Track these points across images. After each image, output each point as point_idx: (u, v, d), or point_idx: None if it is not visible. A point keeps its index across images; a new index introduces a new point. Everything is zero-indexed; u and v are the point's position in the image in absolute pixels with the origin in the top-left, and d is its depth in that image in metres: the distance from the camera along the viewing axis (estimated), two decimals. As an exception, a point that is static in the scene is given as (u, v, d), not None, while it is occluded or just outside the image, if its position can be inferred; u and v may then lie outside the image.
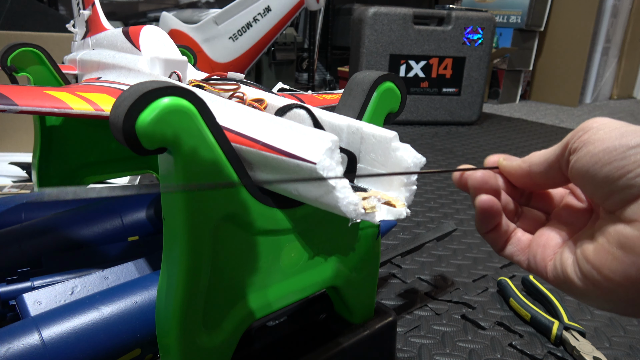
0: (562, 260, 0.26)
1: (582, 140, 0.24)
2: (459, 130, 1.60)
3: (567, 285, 0.25)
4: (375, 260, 0.41)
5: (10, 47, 0.56)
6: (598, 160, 0.23)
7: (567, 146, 0.25)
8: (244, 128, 0.30)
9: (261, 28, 1.43)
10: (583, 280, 0.24)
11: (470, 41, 1.59)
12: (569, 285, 0.25)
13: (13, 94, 0.37)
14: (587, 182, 0.24)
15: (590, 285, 0.24)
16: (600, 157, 0.23)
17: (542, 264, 0.27)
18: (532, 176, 0.28)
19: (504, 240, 0.30)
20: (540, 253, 0.28)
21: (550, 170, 0.27)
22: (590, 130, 0.24)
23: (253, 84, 0.43)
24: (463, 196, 0.99)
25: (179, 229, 0.28)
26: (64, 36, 1.04)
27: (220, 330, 0.32)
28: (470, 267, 0.69)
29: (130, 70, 0.48)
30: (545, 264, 0.27)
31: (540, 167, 0.27)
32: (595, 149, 0.23)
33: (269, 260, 0.33)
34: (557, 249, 0.27)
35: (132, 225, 0.50)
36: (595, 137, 0.23)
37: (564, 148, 0.25)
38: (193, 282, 0.29)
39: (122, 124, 0.23)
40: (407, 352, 0.51)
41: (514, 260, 0.29)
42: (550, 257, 0.27)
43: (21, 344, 0.30)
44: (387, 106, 0.36)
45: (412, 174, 0.28)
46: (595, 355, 0.49)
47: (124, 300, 0.35)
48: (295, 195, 0.29)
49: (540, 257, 0.28)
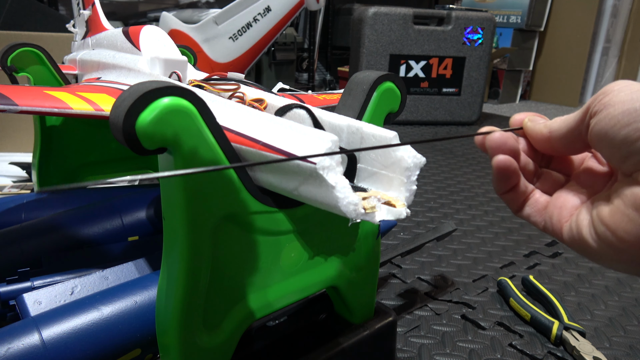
0: (577, 221, 0.26)
1: (602, 103, 0.24)
2: (459, 130, 1.60)
3: (581, 246, 0.26)
4: (375, 260, 0.41)
5: (10, 47, 0.56)
6: (617, 122, 0.23)
7: (588, 110, 0.25)
8: (244, 128, 0.30)
9: (261, 28, 1.42)
10: (597, 241, 0.24)
11: (470, 41, 1.58)
12: (583, 247, 0.25)
13: (13, 94, 0.37)
14: (605, 145, 0.24)
15: (605, 247, 0.24)
16: (619, 119, 0.23)
17: (557, 225, 0.27)
18: (552, 141, 0.28)
19: (522, 201, 0.30)
20: (556, 214, 0.28)
21: (570, 135, 0.26)
22: (612, 93, 0.24)
23: (253, 84, 0.43)
24: (463, 196, 0.99)
25: (179, 229, 0.28)
26: (64, 36, 1.04)
27: (220, 330, 0.32)
28: (470, 267, 0.69)
29: (130, 70, 0.48)
30: (561, 225, 0.27)
31: (560, 133, 0.27)
32: (615, 111, 0.23)
33: (269, 260, 0.33)
34: (573, 211, 0.27)
35: (132, 225, 0.50)
36: (616, 99, 0.23)
37: (585, 112, 0.25)
38: (193, 282, 0.29)
39: (122, 124, 0.23)
40: (407, 352, 0.51)
41: (530, 221, 0.29)
42: (566, 219, 0.27)
43: (21, 344, 0.30)
44: (387, 106, 0.36)
45: (438, 140, 0.27)
46: (595, 355, 0.49)
47: (124, 300, 0.35)
48: (295, 196, 0.29)
49: (557, 219, 0.28)
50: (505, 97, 2.29)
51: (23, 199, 0.53)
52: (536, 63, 2.37)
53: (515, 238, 0.80)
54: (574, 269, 0.69)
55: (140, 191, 0.56)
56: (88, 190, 0.57)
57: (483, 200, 0.97)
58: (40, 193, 0.56)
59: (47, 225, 0.47)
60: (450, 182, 1.07)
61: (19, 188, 0.83)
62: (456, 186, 1.05)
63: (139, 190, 0.57)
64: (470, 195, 1.00)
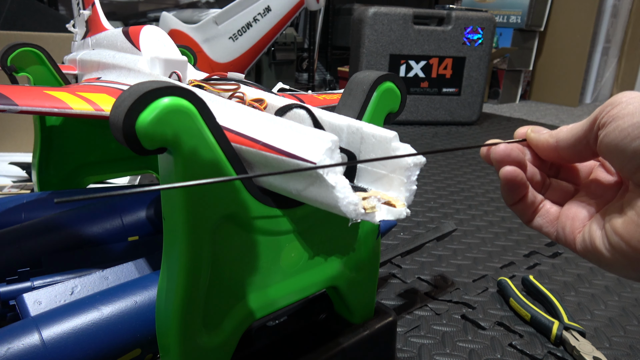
0: (590, 232, 0.26)
1: (610, 115, 0.24)
2: (459, 130, 1.60)
3: (595, 256, 0.26)
4: (375, 260, 0.41)
5: (10, 47, 0.56)
6: (627, 135, 0.23)
7: (596, 121, 0.25)
8: (244, 128, 0.30)
9: (261, 28, 1.43)
10: (611, 251, 0.25)
11: (470, 41, 1.59)
12: (597, 257, 0.26)
13: (13, 94, 0.37)
14: (616, 156, 0.24)
15: (619, 257, 0.24)
16: (629, 132, 0.23)
17: (570, 236, 0.28)
18: (560, 150, 0.28)
19: (532, 212, 0.30)
20: (569, 225, 0.28)
21: (578, 145, 0.27)
22: (620, 105, 0.24)
23: (253, 84, 0.43)
24: (463, 196, 0.99)
25: (179, 229, 0.28)
26: (64, 36, 1.04)
27: (220, 330, 0.32)
28: (470, 267, 0.69)
29: (130, 70, 0.48)
30: (574, 236, 0.28)
31: (567, 142, 0.27)
32: (624, 123, 0.23)
33: (269, 260, 0.33)
34: (586, 222, 0.28)
35: (132, 225, 0.50)
36: (625, 111, 0.24)
37: (592, 123, 0.26)
38: (193, 282, 0.29)
39: (122, 124, 0.23)
40: (407, 352, 0.51)
41: (542, 231, 0.30)
42: (579, 230, 0.28)
43: (21, 344, 0.30)
44: (387, 106, 0.36)
45: (441, 152, 0.28)
46: (595, 355, 0.49)
47: (124, 300, 0.35)
48: (295, 195, 0.29)
49: (569, 230, 0.28)
50: (505, 97, 2.29)
51: (23, 199, 0.53)
52: (536, 63, 2.37)
53: (515, 238, 0.80)
54: (574, 269, 0.69)
55: (140, 191, 0.56)
56: (88, 191, 0.57)
57: (483, 200, 0.97)
58: (40, 193, 0.56)
59: (47, 225, 0.47)
60: (450, 182, 1.07)
61: (19, 188, 0.83)
62: (456, 186, 1.05)
63: (139, 190, 0.57)
64: (470, 195, 1.00)
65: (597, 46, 2.33)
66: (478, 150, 0.32)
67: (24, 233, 0.46)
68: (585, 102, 2.44)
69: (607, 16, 2.27)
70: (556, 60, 2.31)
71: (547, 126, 1.46)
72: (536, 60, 2.36)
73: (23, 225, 0.47)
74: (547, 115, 2.04)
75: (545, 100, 2.40)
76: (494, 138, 1.29)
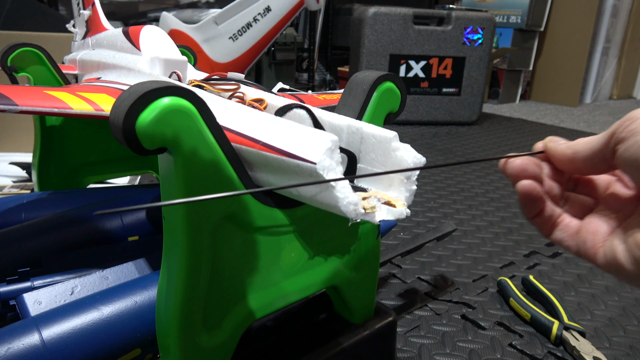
0: (612, 247, 0.27)
1: (629, 129, 0.25)
2: (459, 130, 1.60)
3: (618, 270, 0.26)
4: (375, 260, 0.41)
5: (10, 47, 0.56)
6: None
7: (613, 135, 0.26)
8: (244, 128, 0.30)
9: (261, 28, 1.43)
10: (635, 265, 0.25)
11: (470, 41, 1.59)
12: (620, 271, 0.26)
13: (13, 94, 0.37)
14: (636, 170, 0.25)
15: None
16: None
17: (592, 250, 0.28)
18: (576, 162, 0.29)
19: (551, 225, 0.30)
20: (590, 240, 0.28)
21: (594, 157, 0.27)
22: (638, 120, 0.24)
23: (253, 84, 0.43)
24: (463, 196, 0.99)
25: (179, 229, 0.28)
26: (64, 36, 1.04)
27: (220, 330, 0.32)
28: (470, 267, 0.69)
29: (130, 70, 0.48)
30: (595, 250, 0.28)
31: (584, 154, 0.28)
32: None
33: (269, 260, 0.33)
34: (607, 236, 0.28)
35: (132, 225, 0.50)
36: None
37: (610, 137, 0.26)
38: (193, 282, 0.29)
39: (122, 124, 0.23)
40: (407, 352, 0.51)
41: (563, 245, 0.30)
42: (600, 244, 0.28)
43: (21, 344, 0.30)
44: (387, 106, 0.36)
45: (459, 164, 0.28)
46: (595, 355, 0.49)
47: (124, 300, 0.35)
48: (295, 195, 0.29)
49: (591, 244, 0.28)
50: (505, 97, 2.29)
51: (23, 199, 0.53)
52: (536, 63, 2.37)
53: (515, 238, 0.80)
54: (574, 269, 0.69)
55: (140, 191, 0.56)
56: (88, 190, 0.57)
57: (483, 200, 0.97)
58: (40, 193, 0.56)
59: (47, 225, 0.47)
60: (450, 182, 1.07)
61: (19, 188, 0.83)
62: (456, 186, 1.05)
63: (139, 190, 0.57)
64: (470, 195, 1.00)
65: (597, 46, 2.33)
66: (479, 150, 0.32)
67: (24, 233, 0.46)
68: (585, 102, 2.44)
69: (607, 16, 2.27)
70: (556, 60, 2.31)
71: (547, 127, 1.45)
72: (536, 60, 2.36)
73: (23, 225, 0.47)
74: (547, 115, 2.04)
75: (545, 100, 2.40)
76: (493, 139, 1.29)
